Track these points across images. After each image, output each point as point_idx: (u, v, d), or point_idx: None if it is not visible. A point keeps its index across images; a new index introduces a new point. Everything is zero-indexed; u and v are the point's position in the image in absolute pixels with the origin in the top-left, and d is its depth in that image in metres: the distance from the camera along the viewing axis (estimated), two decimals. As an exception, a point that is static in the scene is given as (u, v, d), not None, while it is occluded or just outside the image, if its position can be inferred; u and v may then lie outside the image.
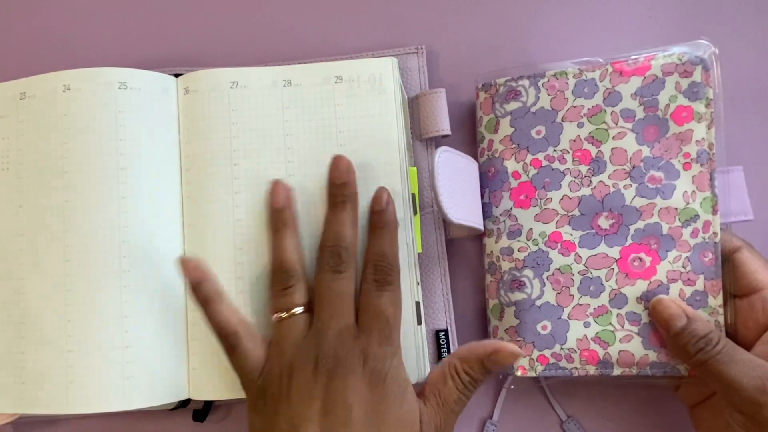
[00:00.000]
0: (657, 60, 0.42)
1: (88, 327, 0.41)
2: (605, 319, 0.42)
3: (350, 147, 0.43)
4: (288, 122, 0.44)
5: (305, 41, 0.49)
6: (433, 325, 0.45)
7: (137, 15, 0.50)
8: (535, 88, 0.44)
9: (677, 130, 0.42)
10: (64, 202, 0.42)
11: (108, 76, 0.43)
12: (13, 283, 0.42)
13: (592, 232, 0.42)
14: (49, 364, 0.41)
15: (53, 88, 0.43)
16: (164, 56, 0.49)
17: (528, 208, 0.43)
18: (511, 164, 0.44)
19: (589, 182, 0.43)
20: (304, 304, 0.40)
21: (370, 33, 0.49)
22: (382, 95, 0.44)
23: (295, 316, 0.39)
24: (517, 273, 0.43)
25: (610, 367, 0.41)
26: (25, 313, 0.42)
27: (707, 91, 0.41)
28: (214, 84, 0.44)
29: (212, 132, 0.44)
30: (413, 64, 0.47)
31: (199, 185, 0.44)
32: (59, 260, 0.42)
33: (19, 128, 0.44)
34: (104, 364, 0.41)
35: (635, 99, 0.42)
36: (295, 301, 0.40)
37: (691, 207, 0.41)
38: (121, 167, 0.43)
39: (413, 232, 0.43)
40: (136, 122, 0.43)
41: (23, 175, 0.43)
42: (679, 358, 0.40)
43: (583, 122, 0.43)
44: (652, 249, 0.41)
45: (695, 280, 0.41)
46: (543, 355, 0.42)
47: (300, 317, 0.39)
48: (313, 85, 0.44)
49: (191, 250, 0.43)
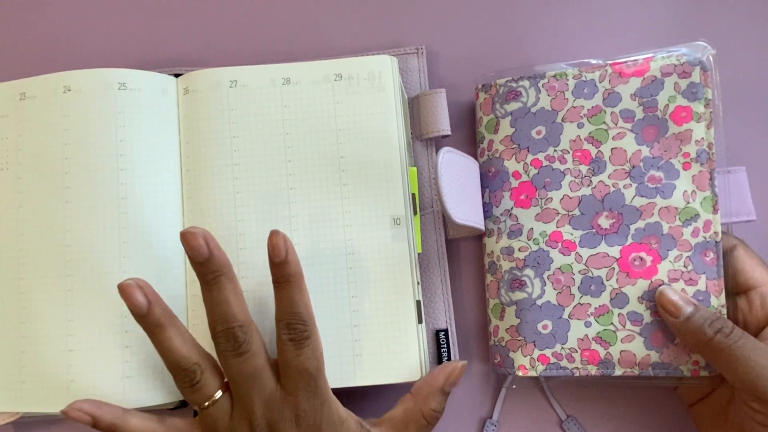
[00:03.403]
0: (656, 61, 0.42)
1: (89, 327, 0.41)
2: (606, 319, 0.42)
3: (350, 145, 0.43)
4: (288, 121, 0.44)
5: (305, 41, 0.49)
6: (433, 325, 0.45)
7: (137, 15, 0.50)
8: (536, 89, 0.44)
9: (676, 130, 0.42)
10: (64, 203, 0.42)
11: (108, 77, 0.43)
12: (13, 283, 0.42)
13: (592, 231, 0.42)
14: (50, 364, 0.41)
15: (53, 88, 0.43)
16: (164, 56, 0.49)
17: (528, 208, 0.43)
18: (511, 164, 0.44)
19: (589, 182, 0.43)
20: (220, 386, 0.38)
21: (370, 33, 0.49)
22: (382, 93, 0.44)
23: (217, 402, 0.38)
24: (518, 272, 0.43)
25: (612, 368, 0.41)
26: (26, 312, 0.42)
27: (706, 92, 0.41)
28: (213, 83, 0.44)
29: (212, 132, 0.44)
30: (413, 64, 0.47)
31: (200, 185, 0.44)
32: (59, 260, 0.42)
33: (19, 128, 0.43)
34: (104, 363, 0.41)
35: (635, 99, 0.42)
36: (209, 390, 0.38)
37: (692, 206, 0.41)
38: (120, 168, 0.42)
39: (413, 232, 0.43)
40: (136, 123, 0.43)
41: (23, 176, 0.43)
42: (691, 345, 0.40)
43: (583, 123, 0.43)
44: (652, 248, 0.41)
45: (697, 280, 0.41)
46: (544, 355, 0.42)
47: (222, 399, 0.38)
48: (313, 83, 0.44)
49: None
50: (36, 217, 0.42)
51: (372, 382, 0.42)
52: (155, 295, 0.38)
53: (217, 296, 0.37)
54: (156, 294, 0.38)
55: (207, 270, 0.37)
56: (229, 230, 0.43)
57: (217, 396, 0.38)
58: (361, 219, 0.43)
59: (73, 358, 0.41)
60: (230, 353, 0.37)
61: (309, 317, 0.38)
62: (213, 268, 0.37)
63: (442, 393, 0.41)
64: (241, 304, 0.38)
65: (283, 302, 0.38)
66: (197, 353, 0.38)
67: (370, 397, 0.45)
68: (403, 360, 0.42)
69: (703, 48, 0.42)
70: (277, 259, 0.37)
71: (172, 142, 0.44)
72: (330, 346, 0.42)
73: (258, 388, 0.37)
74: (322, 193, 0.43)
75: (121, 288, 0.37)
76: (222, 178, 0.43)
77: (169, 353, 0.38)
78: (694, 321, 0.38)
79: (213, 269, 0.37)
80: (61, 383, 0.41)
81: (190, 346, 0.38)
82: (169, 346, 0.38)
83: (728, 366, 0.37)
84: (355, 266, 0.43)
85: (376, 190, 0.43)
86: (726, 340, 0.37)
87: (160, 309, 0.38)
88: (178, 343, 0.38)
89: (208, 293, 0.38)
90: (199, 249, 0.36)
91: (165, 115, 0.44)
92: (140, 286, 0.37)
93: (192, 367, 0.38)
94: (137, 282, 0.37)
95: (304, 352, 0.37)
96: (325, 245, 0.43)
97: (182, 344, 0.38)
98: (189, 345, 0.38)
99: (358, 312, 0.43)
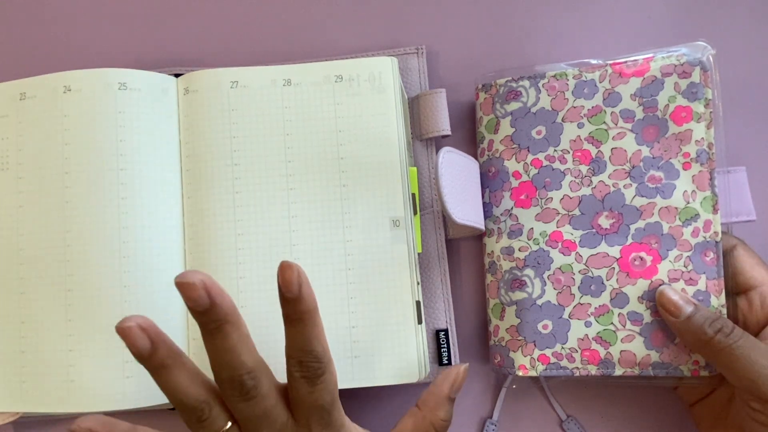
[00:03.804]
0: (656, 61, 0.42)
1: (89, 327, 0.41)
2: (606, 319, 0.42)
3: (350, 146, 0.44)
4: (288, 122, 0.44)
5: (305, 41, 0.49)
6: (433, 325, 0.45)
7: (137, 15, 0.50)
8: (536, 89, 0.44)
9: (676, 130, 0.42)
10: (64, 203, 0.42)
11: (108, 77, 0.43)
12: (13, 283, 0.42)
13: (592, 231, 0.42)
14: (50, 364, 0.41)
15: (53, 88, 0.43)
16: (164, 56, 0.49)
17: (529, 208, 0.43)
18: (511, 164, 0.44)
19: (589, 182, 0.43)
20: (230, 418, 0.36)
21: (370, 33, 0.49)
22: (382, 94, 0.44)
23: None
24: (518, 272, 0.43)
25: (612, 367, 0.41)
26: (26, 312, 0.42)
27: (706, 92, 0.41)
28: (213, 84, 0.44)
29: (212, 132, 0.44)
30: (413, 64, 0.47)
31: (200, 185, 0.44)
32: (59, 260, 0.42)
33: (19, 128, 0.43)
34: (104, 363, 0.41)
35: (635, 100, 0.42)
36: (218, 424, 0.35)
37: (692, 206, 0.41)
38: (121, 168, 0.42)
39: (413, 232, 0.43)
40: (136, 123, 0.43)
41: (23, 176, 0.43)
42: (691, 345, 0.40)
43: (583, 122, 0.43)
44: (652, 248, 0.41)
45: (697, 280, 0.41)
46: (544, 355, 0.42)
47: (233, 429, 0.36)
48: (313, 84, 0.44)
49: (191, 250, 0.43)
50: (36, 217, 0.42)
51: (371, 383, 0.42)
52: (159, 334, 0.33)
53: (221, 345, 0.34)
54: (160, 333, 0.33)
55: (209, 320, 0.33)
56: (228, 231, 0.43)
57: (227, 427, 0.35)
58: (360, 220, 0.43)
59: (73, 358, 0.41)
60: (237, 398, 0.34)
61: (324, 352, 0.35)
62: (215, 317, 0.33)
63: (448, 401, 0.40)
64: (248, 349, 0.34)
65: (296, 339, 0.35)
66: (205, 390, 0.35)
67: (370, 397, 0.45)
68: (402, 361, 0.42)
69: (703, 48, 0.42)
70: (289, 294, 0.33)
71: (172, 142, 0.44)
72: None
73: (269, 425, 0.36)
74: (322, 194, 0.43)
75: (120, 330, 0.32)
76: (222, 179, 0.43)
77: (174, 394, 0.34)
78: (694, 321, 0.38)
79: (215, 318, 0.33)
80: (61, 383, 0.41)
81: (197, 384, 0.35)
82: (174, 387, 0.34)
83: (728, 365, 0.37)
84: (354, 267, 0.43)
85: (376, 191, 0.43)
86: (726, 340, 0.37)
87: (165, 349, 0.33)
88: (184, 382, 0.34)
89: (211, 341, 0.34)
90: (199, 300, 0.32)
91: (165, 115, 0.44)
92: (142, 327, 0.32)
93: (200, 406, 0.35)
94: (138, 322, 0.32)
95: (318, 389, 0.35)
96: (324, 246, 0.43)
97: (189, 384, 0.34)
98: (196, 383, 0.35)
99: (357, 313, 0.43)
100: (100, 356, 0.41)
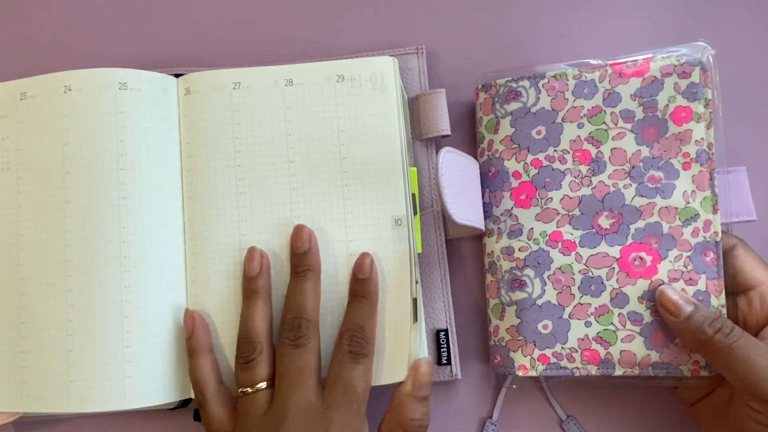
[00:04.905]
0: (656, 61, 0.42)
1: (89, 327, 0.41)
2: (606, 319, 0.42)
3: (351, 146, 0.44)
4: (290, 122, 0.44)
5: (305, 41, 0.50)
6: (433, 325, 0.45)
7: (138, 15, 0.50)
8: (536, 89, 0.44)
9: (676, 131, 0.42)
10: (64, 203, 0.42)
11: (108, 77, 0.43)
12: (13, 282, 0.42)
13: (592, 231, 0.42)
14: (50, 364, 0.41)
15: (54, 88, 0.43)
16: (164, 56, 0.49)
17: (529, 208, 0.44)
18: (511, 164, 0.44)
19: (589, 182, 0.43)
20: (268, 378, 0.39)
21: (370, 33, 0.49)
22: (384, 94, 0.44)
23: (259, 392, 0.39)
24: (518, 272, 0.43)
25: (612, 367, 0.41)
26: (26, 312, 0.42)
27: (706, 92, 0.41)
28: (216, 85, 0.44)
29: (214, 132, 0.44)
30: (413, 64, 0.47)
31: (202, 185, 0.44)
32: (59, 260, 0.42)
33: (19, 128, 0.43)
34: (104, 363, 0.41)
35: (634, 100, 0.42)
36: (259, 375, 0.39)
37: (691, 206, 0.41)
38: (121, 168, 0.42)
39: (413, 232, 0.43)
40: (137, 123, 0.43)
41: (23, 176, 0.43)
42: (691, 344, 0.40)
43: (583, 123, 0.43)
44: (652, 248, 0.41)
45: (697, 280, 0.41)
46: (544, 355, 0.42)
47: (263, 393, 0.39)
48: (315, 84, 0.44)
49: (192, 251, 0.43)
50: (36, 217, 0.42)
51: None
52: (268, 267, 0.41)
53: (300, 286, 0.40)
54: (269, 267, 0.41)
55: (301, 262, 0.41)
56: (231, 230, 0.43)
57: (261, 386, 0.39)
58: (362, 219, 0.43)
59: (73, 358, 0.41)
60: (289, 342, 0.39)
61: (372, 338, 0.40)
62: (307, 262, 0.40)
63: (416, 400, 0.39)
64: (316, 303, 0.40)
65: (355, 315, 0.40)
66: (267, 336, 0.40)
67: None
68: (398, 360, 0.42)
69: (703, 48, 0.42)
70: (361, 275, 0.41)
71: (173, 142, 0.44)
72: (328, 346, 0.41)
73: (299, 392, 0.37)
74: (324, 194, 0.43)
75: (250, 249, 0.41)
76: (224, 179, 0.43)
77: (248, 320, 0.40)
78: (694, 320, 0.38)
79: (307, 263, 0.40)
80: (61, 383, 0.41)
81: (267, 326, 0.40)
82: (252, 314, 0.40)
83: (728, 365, 0.37)
84: (355, 267, 0.43)
85: (378, 190, 0.43)
86: (726, 340, 0.37)
87: (264, 282, 0.41)
88: (260, 316, 0.40)
89: (294, 283, 0.40)
90: (302, 241, 0.41)
91: (165, 115, 0.44)
92: (262, 255, 0.41)
93: (256, 343, 0.39)
94: (261, 252, 0.41)
95: (358, 368, 0.38)
96: (326, 246, 0.43)
97: (262, 321, 0.40)
98: (267, 325, 0.40)
99: None
100: (101, 356, 0.41)
